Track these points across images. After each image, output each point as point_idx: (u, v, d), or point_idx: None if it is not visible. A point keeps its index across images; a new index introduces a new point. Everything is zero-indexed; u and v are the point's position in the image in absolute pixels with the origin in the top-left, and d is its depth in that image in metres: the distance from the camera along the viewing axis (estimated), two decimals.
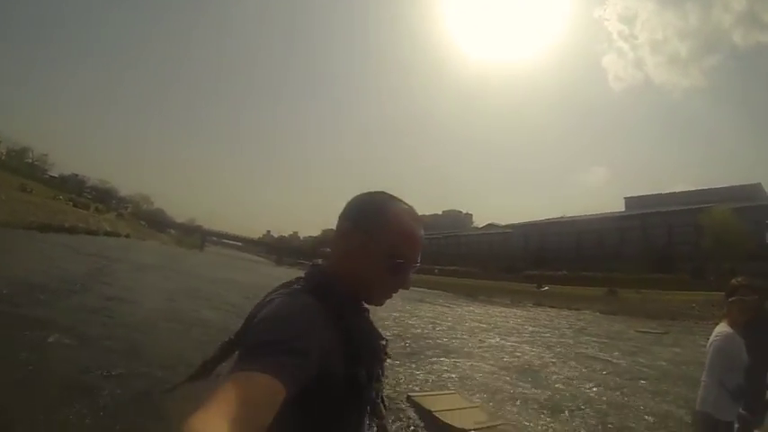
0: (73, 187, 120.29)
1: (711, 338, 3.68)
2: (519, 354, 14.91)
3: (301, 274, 1.38)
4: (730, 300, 3.70)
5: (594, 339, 20.78)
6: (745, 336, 3.92)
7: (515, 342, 17.42)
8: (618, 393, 10.20)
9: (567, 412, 8.56)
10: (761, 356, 3.98)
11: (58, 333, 9.20)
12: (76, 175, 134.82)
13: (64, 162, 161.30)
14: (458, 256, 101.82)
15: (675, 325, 30.93)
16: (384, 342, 1.40)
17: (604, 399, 9.70)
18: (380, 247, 1.28)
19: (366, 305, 1.36)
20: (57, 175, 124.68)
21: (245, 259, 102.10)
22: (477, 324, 23.94)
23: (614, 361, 14.60)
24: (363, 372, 1.22)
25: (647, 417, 8.67)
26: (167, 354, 9.03)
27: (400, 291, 1.34)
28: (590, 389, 10.49)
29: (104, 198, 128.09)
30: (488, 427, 6.91)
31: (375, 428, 1.35)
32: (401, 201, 1.36)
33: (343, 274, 1.29)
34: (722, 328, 3.67)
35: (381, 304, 1.37)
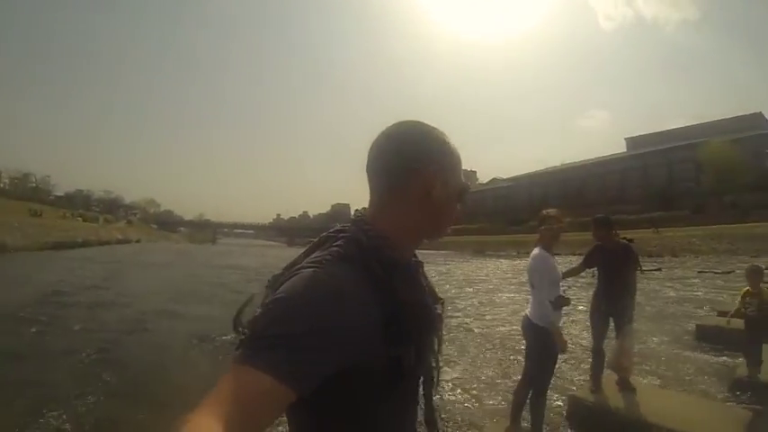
0: (80, 203, 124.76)
1: (529, 260, 4.39)
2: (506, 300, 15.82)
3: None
4: (541, 228, 4.40)
5: (589, 281, 21.15)
6: (603, 256, 5.63)
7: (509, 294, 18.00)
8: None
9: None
10: (616, 270, 5.49)
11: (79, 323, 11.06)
12: (81, 191, 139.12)
13: (66, 180, 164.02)
14: (464, 213, 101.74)
15: (673, 261, 31.82)
16: (440, 305, 1.29)
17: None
18: (457, 176, 1.20)
19: (424, 246, 1.27)
20: (62, 194, 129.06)
21: (256, 245, 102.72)
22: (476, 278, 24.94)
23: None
24: (413, 349, 1.07)
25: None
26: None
27: None
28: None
29: (111, 208, 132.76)
30: None
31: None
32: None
33: (402, 224, 1.15)
34: (536, 251, 4.35)
35: (442, 238, 1.27)
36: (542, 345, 4.26)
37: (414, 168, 1.12)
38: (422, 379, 1.20)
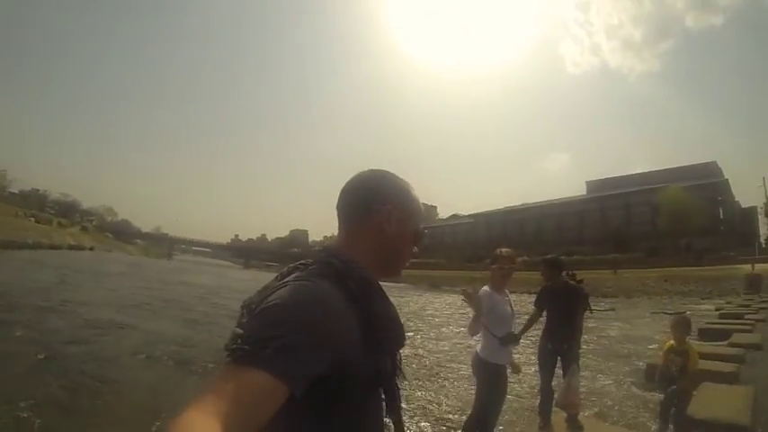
0: (35, 203, 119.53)
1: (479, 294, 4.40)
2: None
3: (275, 275, 1.30)
4: (493, 266, 4.52)
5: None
6: (552, 296, 5.83)
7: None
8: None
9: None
10: (565, 307, 5.64)
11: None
12: (37, 191, 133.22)
13: (24, 177, 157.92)
14: (424, 248, 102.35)
15: (627, 302, 32.14)
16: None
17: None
18: (412, 218, 1.34)
19: (384, 281, 1.33)
20: (17, 192, 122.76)
21: (212, 264, 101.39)
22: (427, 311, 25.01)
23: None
24: (387, 361, 1.20)
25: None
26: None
27: None
28: None
29: (67, 212, 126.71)
30: None
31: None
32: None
33: (364, 256, 1.27)
34: (484, 289, 4.41)
35: (400, 275, 1.39)
36: (491, 381, 4.33)
37: (370, 207, 1.30)
38: (386, 394, 1.23)
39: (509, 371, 4.65)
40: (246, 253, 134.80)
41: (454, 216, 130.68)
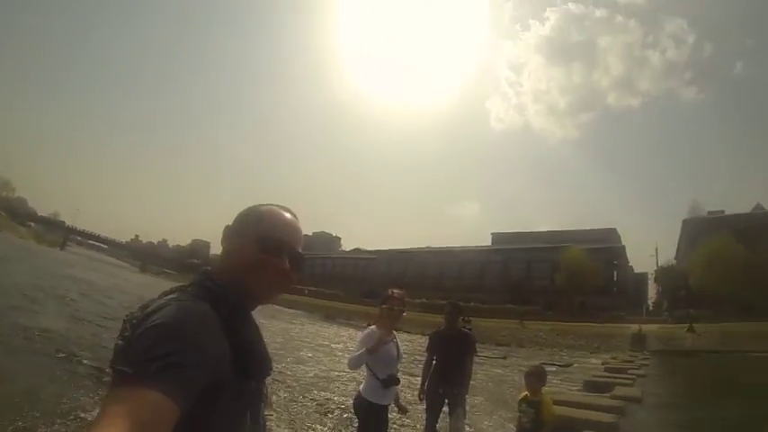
0: None
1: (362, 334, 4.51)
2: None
3: (171, 284, 1.39)
4: (381, 306, 4.51)
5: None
6: (444, 341, 6.03)
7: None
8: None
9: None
10: (456, 352, 5.88)
11: None
12: None
13: None
14: (325, 278, 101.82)
15: (519, 351, 32.63)
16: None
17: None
18: (289, 245, 1.36)
19: (257, 307, 1.38)
20: None
21: (108, 263, 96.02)
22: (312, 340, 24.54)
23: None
24: (253, 384, 1.24)
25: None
26: None
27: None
28: None
29: None
30: None
31: None
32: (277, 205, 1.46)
33: (235, 280, 1.29)
34: (370, 328, 4.46)
35: (273, 299, 1.43)
36: (371, 422, 4.34)
37: (245, 234, 1.35)
38: (251, 417, 1.25)
39: (396, 411, 4.76)
40: (144, 256, 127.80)
41: (357, 250, 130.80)
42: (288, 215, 1.42)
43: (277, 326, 28.43)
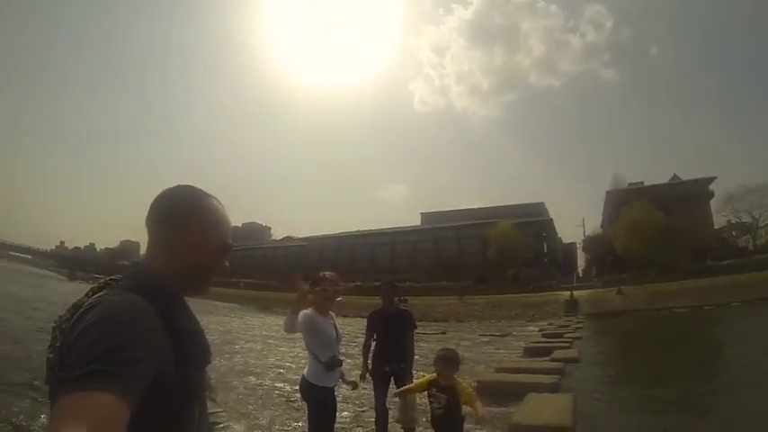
0: None
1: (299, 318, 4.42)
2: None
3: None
4: (316, 288, 4.53)
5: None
6: (382, 320, 6.07)
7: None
8: None
9: None
10: (396, 329, 5.96)
11: None
12: None
13: None
14: (256, 269, 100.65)
15: (458, 326, 32.95)
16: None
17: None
18: (217, 233, 1.36)
19: (191, 297, 1.37)
20: None
21: (32, 273, 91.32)
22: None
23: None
24: (196, 372, 1.23)
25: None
26: None
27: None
28: None
29: None
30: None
31: None
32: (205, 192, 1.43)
33: (170, 271, 1.29)
34: (305, 311, 4.44)
35: (207, 291, 1.42)
36: (319, 404, 4.40)
37: (173, 223, 1.31)
38: (198, 407, 1.25)
39: (348, 388, 5.01)
40: (72, 263, 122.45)
41: (287, 238, 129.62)
42: (220, 206, 1.41)
43: (214, 320, 28.07)
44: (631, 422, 7.91)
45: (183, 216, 1.32)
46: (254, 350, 17.07)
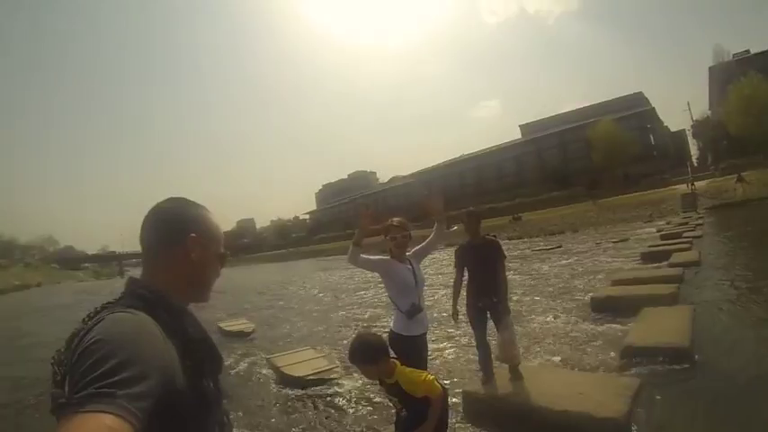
0: None
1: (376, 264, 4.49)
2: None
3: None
4: (386, 237, 4.48)
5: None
6: (471, 253, 5.67)
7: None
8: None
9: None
10: (485, 265, 5.53)
11: None
12: None
13: None
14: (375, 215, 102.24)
15: (574, 236, 32.02)
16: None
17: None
18: (214, 242, 1.40)
19: (194, 305, 1.41)
20: None
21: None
22: None
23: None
24: (210, 383, 1.24)
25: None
26: None
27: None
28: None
29: (5, 252, 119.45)
30: (323, 370, 7.61)
31: None
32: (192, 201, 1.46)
33: (169, 285, 1.30)
34: (382, 257, 4.51)
35: (207, 299, 1.44)
36: (410, 354, 4.17)
37: (173, 238, 1.33)
38: (216, 416, 1.27)
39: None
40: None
41: (394, 179, 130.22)
42: (212, 216, 1.44)
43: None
44: (764, 338, 6.54)
45: (181, 232, 1.33)
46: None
